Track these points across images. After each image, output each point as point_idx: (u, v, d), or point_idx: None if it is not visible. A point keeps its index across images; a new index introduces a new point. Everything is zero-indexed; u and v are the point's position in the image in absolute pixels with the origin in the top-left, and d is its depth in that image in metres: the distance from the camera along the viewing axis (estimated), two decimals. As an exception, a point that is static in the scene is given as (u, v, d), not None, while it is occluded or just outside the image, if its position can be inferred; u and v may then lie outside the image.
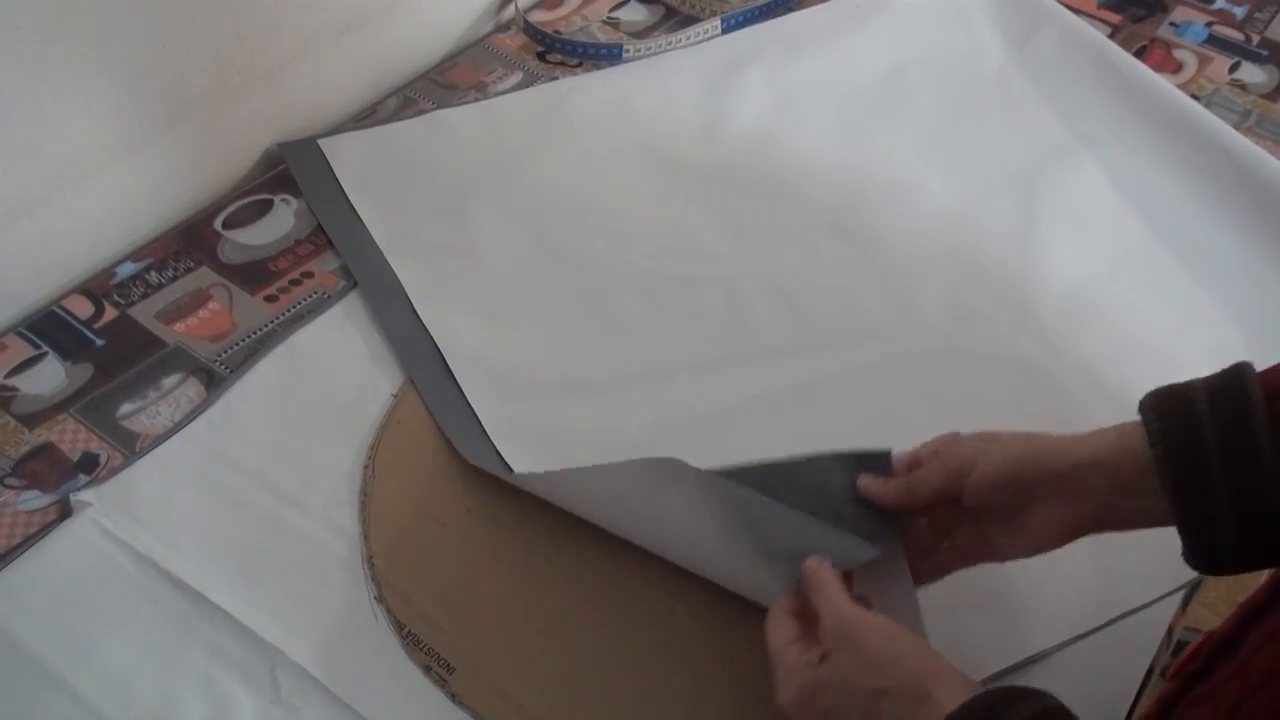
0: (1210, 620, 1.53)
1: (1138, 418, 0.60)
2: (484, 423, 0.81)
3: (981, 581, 0.69)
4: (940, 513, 0.67)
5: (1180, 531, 0.59)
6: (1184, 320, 0.91)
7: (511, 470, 0.78)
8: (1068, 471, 0.62)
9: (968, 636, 0.70)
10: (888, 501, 0.66)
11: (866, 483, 0.67)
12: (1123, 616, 0.73)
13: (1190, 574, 0.73)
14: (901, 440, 0.81)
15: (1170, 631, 0.73)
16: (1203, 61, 1.15)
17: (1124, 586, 0.74)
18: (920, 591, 0.67)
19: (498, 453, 0.80)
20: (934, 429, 0.81)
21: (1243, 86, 1.12)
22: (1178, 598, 0.74)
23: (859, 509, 0.66)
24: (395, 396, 0.83)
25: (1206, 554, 0.58)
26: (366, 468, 0.79)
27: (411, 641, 0.71)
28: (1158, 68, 1.11)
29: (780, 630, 0.62)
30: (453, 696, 0.68)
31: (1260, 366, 0.87)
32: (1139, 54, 1.14)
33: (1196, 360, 0.86)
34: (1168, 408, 0.59)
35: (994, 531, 0.65)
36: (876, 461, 0.67)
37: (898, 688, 0.56)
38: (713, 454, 0.79)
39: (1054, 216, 0.98)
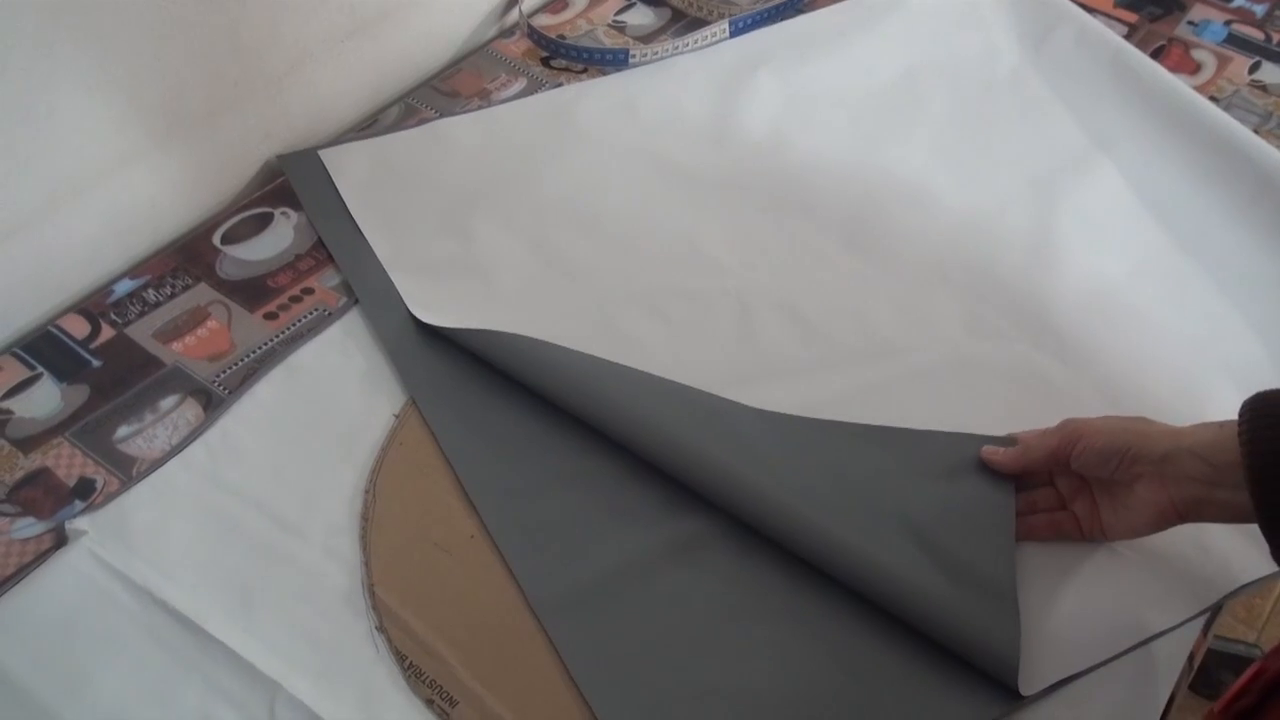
0: (1229, 625, 1.52)
1: None
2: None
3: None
4: (1063, 481, 0.74)
5: (1260, 528, 0.62)
6: (1205, 332, 0.89)
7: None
8: (1168, 455, 0.67)
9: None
10: (1004, 464, 0.75)
11: (988, 449, 0.76)
12: (1144, 643, 0.71)
13: (1212, 598, 0.72)
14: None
15: (1191, 658, 0.71)
16: (1222, 61, 1.12)
17: (1145, 612, 0.72)
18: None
19: (502, 474, 0.78)
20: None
21: (1263, 88, 1.09)
22: (1199, 623, 0.72)
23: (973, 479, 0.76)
24: (397, 417, 0.82)
25: None
26: (367, 492, 0.77)
27: (413, 673, 0.69)
28: (1175, 68, 1.09)
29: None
30: (455, 731, 0.67)
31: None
32: (1156, 54, 1.11)
33: (1218, 374, 0.85)
34: (1260, 407, 0.64)
35: (1103, 504, 0.72)
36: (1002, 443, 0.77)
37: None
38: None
39: (1071, 224, 0.96)
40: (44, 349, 0.86)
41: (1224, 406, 0.82)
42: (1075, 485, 0.74)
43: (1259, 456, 0.62)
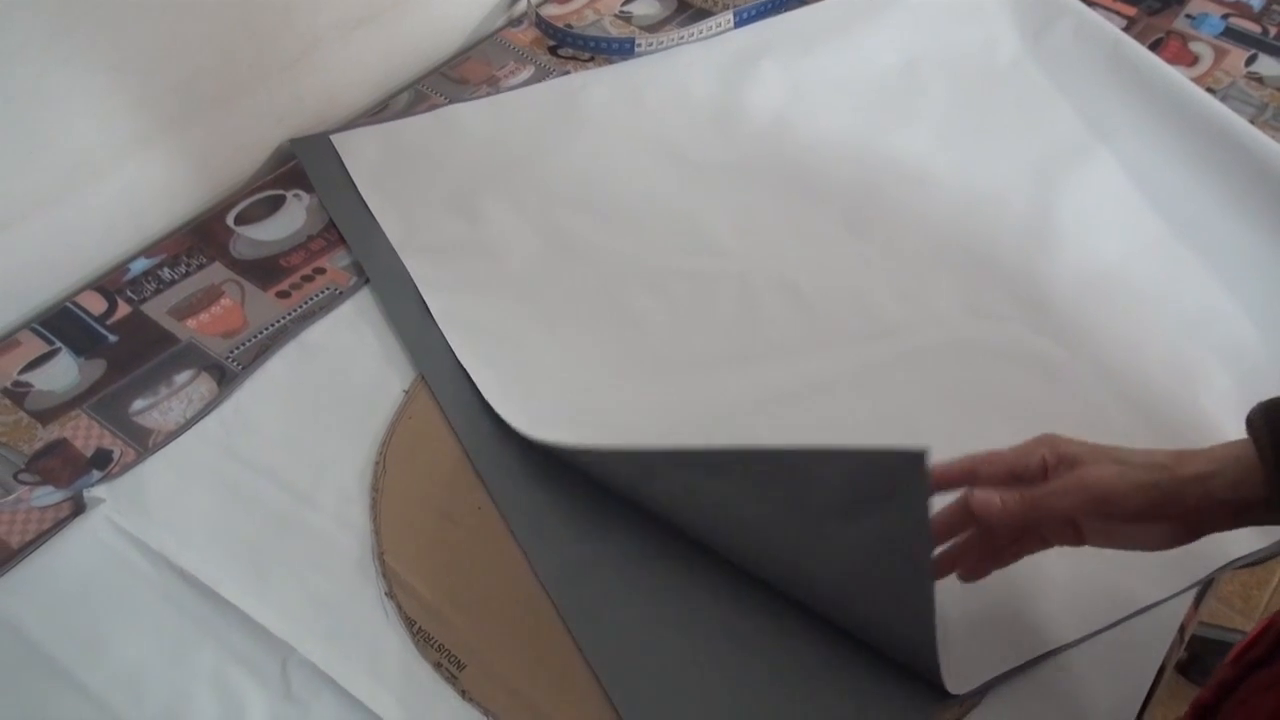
0: (1227, 615, 1.53)
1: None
2: (496, 408, 0.81)
3: (992, 578, 0.69)
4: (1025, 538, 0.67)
5: None
6: (1199, 316, 0.90)
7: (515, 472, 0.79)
8: (1195, 506, 0.60)
9: (979, 633, 0.71)
10: (949, 476, 0.66)
11: (980, 497, 0.65)
12: (1135, 614, 0.72)
13: (1203, 572, 0.74)
14: (912, 437, 0.81)
15: (1182, 630, 0.73)
16: (1219, 54, 1.14)
17: (1136, 584, 0.73)
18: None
19: (509, 449, 0.80)
20: (946, 426, 0.82)
21: (1259, 79, 1.11)
22: (1190, 595, 0.74)
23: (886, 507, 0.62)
24: (407, 393, 0.83)
25: None
26: (377, 464, 0.79)
27: (422, 638, 0.71)
28: (1173, 60, 1.11)
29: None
30: (463, 693, 0.68)
31: (1274, 362, 0.87)
32: (1154, 46, 1.13)
33: (1212, 357, 0.87)
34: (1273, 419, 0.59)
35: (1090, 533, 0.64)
36: (909, 461, 0.59)
37: None
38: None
39: (1069, 211, 0.98)
40: (62, 325, 0.88)
41: (1217, 387, 0.85)
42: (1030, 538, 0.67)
43: None
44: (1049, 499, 0.63)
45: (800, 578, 0.70)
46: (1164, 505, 0.61)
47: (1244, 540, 0.75)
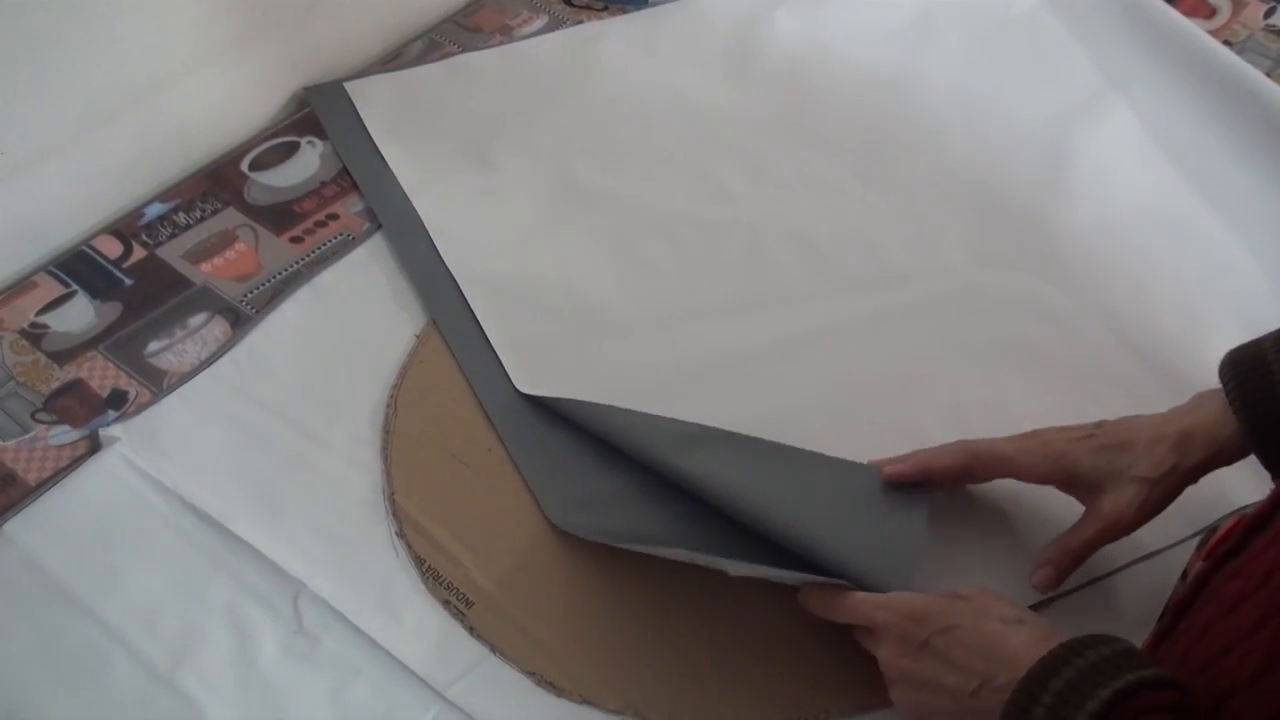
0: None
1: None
2: (504, 363, 0.82)
3: (995, 526, 0.72)
4: None
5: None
6: (1211, 267, 0.90)
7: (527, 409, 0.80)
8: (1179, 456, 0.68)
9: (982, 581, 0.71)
10: (902, 472, 0.71)
11: (884, 463, 0.72)
12: (1139, 560, 0.73)
13: (1205, 521, 0.74)
14: (920, 384, 0.82)
15: (1185, 575, 0.73)
16: (1237, 6, 1.13)
17: (1143, 531, 0.74)
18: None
19: (518, 392, 0.81)
20: (955, 373, 0.82)
21: (1276, 32, 1.10)
22: (1193, 542, 0.74)
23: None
24: (418, 337, 0.84)
25: None
26: (389, 406, 0.80)
27: (431, 576, 0.72)
28: (1191, 13, 1.10)
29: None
30: (471, 629, 0.70)
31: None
32: (1172, -1, 1.12)
33: (1222, 307, 0.87)
34: (1240, 368, 0.66)
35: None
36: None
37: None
38: (731, 395, 0.81)
39: (1082, 161, 0.98)
40: (78, 268, 0.89)
41: (1225, 336, 0.84)
42: None
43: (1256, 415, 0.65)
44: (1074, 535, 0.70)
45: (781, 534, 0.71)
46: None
47: (1245, 490, 0.75)
